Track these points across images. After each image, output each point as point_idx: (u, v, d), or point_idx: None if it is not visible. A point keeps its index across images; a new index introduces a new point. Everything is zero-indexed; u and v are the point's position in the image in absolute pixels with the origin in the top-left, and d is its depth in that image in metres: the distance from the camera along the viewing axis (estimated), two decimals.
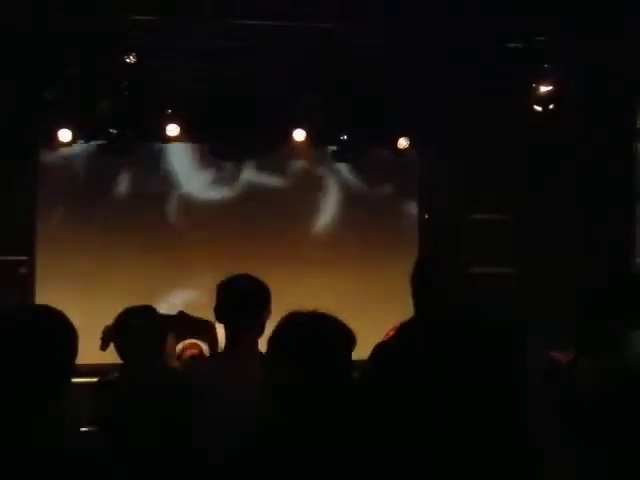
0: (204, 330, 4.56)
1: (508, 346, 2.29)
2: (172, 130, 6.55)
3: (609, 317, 3.12)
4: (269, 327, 3.39)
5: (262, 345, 3.43)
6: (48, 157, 6.78)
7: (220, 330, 4.02)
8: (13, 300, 6.22)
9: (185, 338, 4.46)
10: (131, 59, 5.60)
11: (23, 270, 6.61)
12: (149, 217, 6.96)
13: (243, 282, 3.45)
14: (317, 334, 2.10)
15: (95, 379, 3.59)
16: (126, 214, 6.92)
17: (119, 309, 3.51)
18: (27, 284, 6.67)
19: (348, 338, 2.09)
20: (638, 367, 2.82)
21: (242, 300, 3.33)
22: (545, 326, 6.17)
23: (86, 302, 6.71)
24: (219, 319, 3.38)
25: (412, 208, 7.20)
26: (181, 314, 4.79)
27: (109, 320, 3.61)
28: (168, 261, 6.94)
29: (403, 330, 2.93)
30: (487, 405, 1.98)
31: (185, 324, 4.59)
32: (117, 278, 6.83)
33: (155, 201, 6.98)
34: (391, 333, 4.02)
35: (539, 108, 6.05)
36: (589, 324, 3.14)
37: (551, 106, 6.03)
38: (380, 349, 2.98)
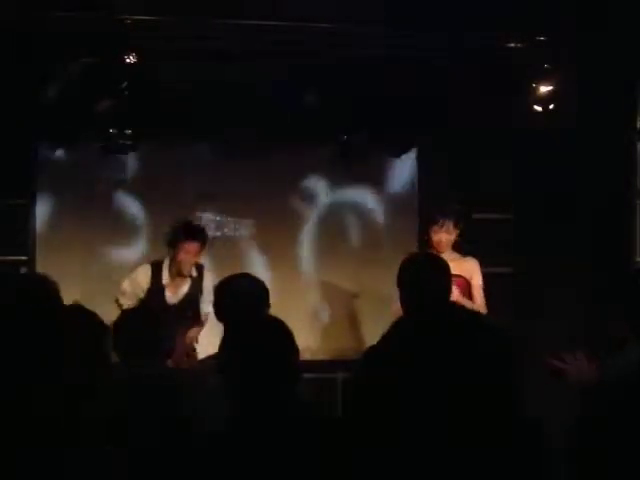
0: None
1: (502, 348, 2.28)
2: (172, 130, 6.55)
3: None
4: None
5: None
6: (48, 157, 6.78)
7: None
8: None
9: None
10: (131, 59, 5.60)
11: (23, 270, 6.61)
12: (150, 217, 6.97)
13: (242, 281, 3.47)
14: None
15: None
16: (126, 214, 6.92)
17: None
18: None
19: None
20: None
21: (242, 299, 3.34)
22: (545, 326, 6.18)
23: (86, 303, 6.71)
24: (218, 319, 3.39)
25: (412, 208, 7.19)
26: None
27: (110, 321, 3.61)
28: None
29: (392, 331, 2.92)
30: (484, 407, 1.97)
31: None
32: (118, 278, 6.83)
33: (156, 201, 6.97)
34: None
35: (539, 108, 6.05)
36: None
37: (551, 106, 6.03)
38: (371, 351, 2.98)
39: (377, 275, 6.68)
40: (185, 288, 5.73)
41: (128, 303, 5.59)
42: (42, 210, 6.77)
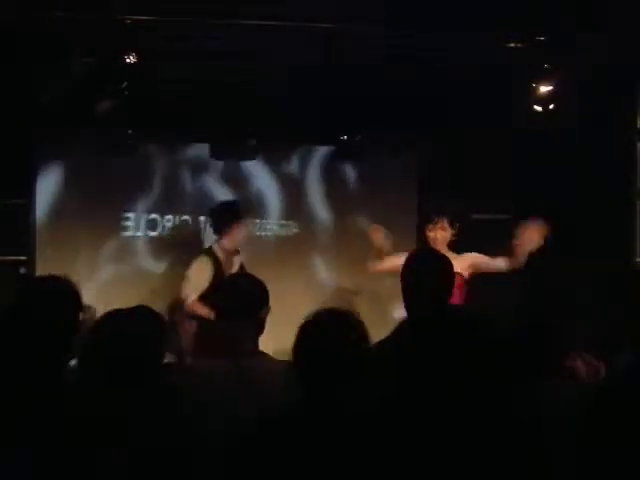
0: None
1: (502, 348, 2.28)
2: (172, 130, 6.56)
3: None
4: (268, 326, 3.42)
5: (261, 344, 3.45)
6: (48, 157, 6.78)
7: None
8: (13, 300, 6.21)
9: None
10: (131, 59, 5.60)
11: (23, 270, 6.61)
12: (150, 217, 6.97)
13: (243, 281, 3.47)
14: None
15: None
16: (126, 214, 6.93)
17: None
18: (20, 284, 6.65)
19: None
20: None
21: (242, 299, 3.34)
22: (544, 327, 6.17)
23: (87, 302, 6.71)
24: (219, 319, 3.38)
25: (412, 208, 7.19)
26: None
27: None
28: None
29: (396, 330, 2.93)
30: (484, 405, 1.97)
31: None
32: (117, 278, 6.84)
33: (155, 201, 6.98)
34: None
35: (539, 108, 6.05)
36: None
37: (551, 106, 6.03)
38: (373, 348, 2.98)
39: (377, 275, 6.68)
40: (236, 267, 5.97)
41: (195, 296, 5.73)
42: (42, 210, 6.77)
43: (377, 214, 7.17)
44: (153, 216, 6.96)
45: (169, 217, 6.99)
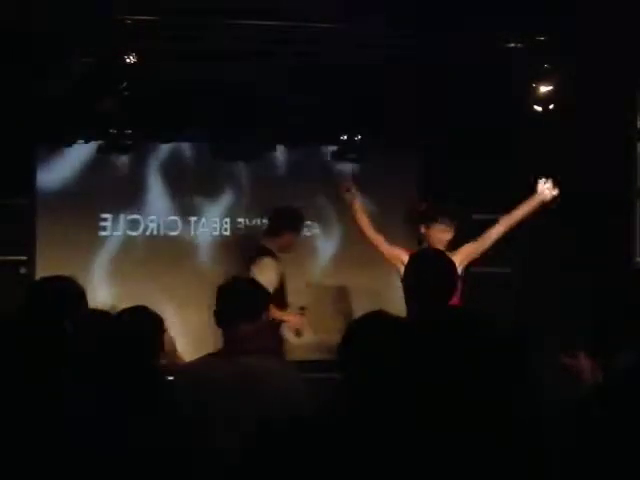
0: None
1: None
2: (172, 130, 6.56)
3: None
4: None
5: None
6: (48, 157, 6.78)
7: None
8: (13, 300, 6.21)
9: None
10: (131, 59, 5.60)
11: (23, 270, 6.61)
12: (149, 216, 6.97)
13: (243, 285, 3.48)
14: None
15: None
16: (126, 214, 6.93)
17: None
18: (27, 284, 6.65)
19: None
20: None
21: (243, 302, 3.35)
22: (545, 326, 6.17)
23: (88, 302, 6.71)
24: (219, 322, 3.39)
25: (412, 208, 7.18)
26: None
27: None
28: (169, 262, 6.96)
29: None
30: (484, 405, 1.97)
31: None
32: (117, 278, 6.84)
33: (155, 201, 6.98)
34: None
35: (539, 108, 6.05)
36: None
37: (551, 106, 6.03)
38: None
39: (377, 275, 6.69)
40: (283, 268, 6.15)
41: None
42: (42, 210, 6.77)
43: (377, 214, 7.17)
44: (153, 217, 6.97)
45: (170, 218, 6.99)
